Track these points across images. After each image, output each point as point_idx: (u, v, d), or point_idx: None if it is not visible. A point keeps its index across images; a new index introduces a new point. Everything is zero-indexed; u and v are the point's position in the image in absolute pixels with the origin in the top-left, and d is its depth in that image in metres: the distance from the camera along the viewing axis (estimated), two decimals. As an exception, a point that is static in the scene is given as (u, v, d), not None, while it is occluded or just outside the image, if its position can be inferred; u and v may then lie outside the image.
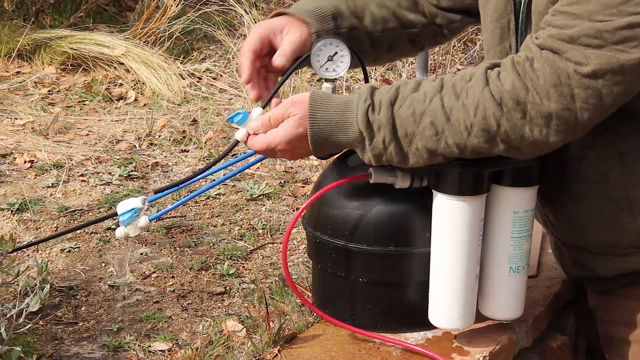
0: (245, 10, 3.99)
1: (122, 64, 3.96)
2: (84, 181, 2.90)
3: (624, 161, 1.67)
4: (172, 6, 4.21)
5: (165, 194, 1.90)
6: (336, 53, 1.83)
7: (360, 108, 1.62)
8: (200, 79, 3.98)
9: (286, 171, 3.04)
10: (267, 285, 2.21)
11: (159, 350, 1.96)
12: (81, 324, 2.09)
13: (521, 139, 1.56)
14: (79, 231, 2.51)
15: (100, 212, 2.67)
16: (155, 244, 2.48)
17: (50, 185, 2.85)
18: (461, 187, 1.69)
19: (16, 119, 3.44)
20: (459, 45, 4.70)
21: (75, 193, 2.81)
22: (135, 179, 2.94)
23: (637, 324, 1.78)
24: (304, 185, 2.93)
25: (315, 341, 1.85)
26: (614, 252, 1.76)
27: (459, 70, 4.34)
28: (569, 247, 1.85)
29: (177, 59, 4.07)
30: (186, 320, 2.10)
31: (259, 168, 3.00)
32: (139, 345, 1.97)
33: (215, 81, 3.96)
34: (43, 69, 3.95)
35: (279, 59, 1.81)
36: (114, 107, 3.66)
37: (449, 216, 1.71)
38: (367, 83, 1.74)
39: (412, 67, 4.16)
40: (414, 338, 1.83)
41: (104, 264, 2.36)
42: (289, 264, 2.33)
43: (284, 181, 2.95)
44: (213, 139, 3.31)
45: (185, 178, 1.91)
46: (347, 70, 1.85)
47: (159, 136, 3.33)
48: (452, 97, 1.58)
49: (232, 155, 3.15)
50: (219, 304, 2.18)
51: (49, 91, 3.79)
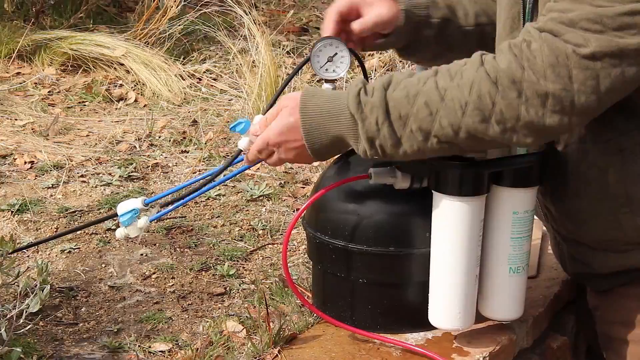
0: (245, 11, 3.98)
1: (122, 64, 3.96)
2: (84, 182, 2.90)
3: (624, 158, 1.67)
4: (172, 7, 4.21)
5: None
6: (336, 54, 1.84)
7: (351, 92, 1.61)
8: (200, 79, 3.98)
9: (286, 172, 3.04)
10: (267, 286, 2.22)
11: (159, 351, 1.96)
12: (81, 324, 2.09)
13: (516, 119, 1.53)
14: (79, 232, 2.51)
15: (101, 213, 2.67)
16: (155, 244, 2.48)
17: (51, 186, 2.85)
18: (461, 188, 1.69)
19: (16, 119, 3.44)
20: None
21: (75, 194, 2.81)
22: (135, 180, 2.94)
23: (636, 324, 1.78)
24: (304, 186, 2.93)
25: (315, 342, 1.85)
26: (612, 248, 1.76)
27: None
28: (568, 241, 1.85)
29: (177, 59, 4.07)
30: (186, 321, 2.10)
31: (259, 169, 3.00)
32: (139, 346, 1.97)
33: (215, 82, 3.96)
34: (43, 69, 3.95)
35: (357, 24, 1.84)
36: (114, 108, 3.66)
37: (449, 217, 1.71)
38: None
39: (412, 68, 4.16)
40: (414, 338, 1.84)
41: (104, 265, 2.37)
42: (289, 264, 2.33)
43: (284, 182, 2.95)
44: (213, 139, 3.31)
45: (190, 190, 1.89)
46: (347, 71, 1.85)
47: (159, 137, 3.33)
48: (446, 78, 1.56)
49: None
50: (219, 305, 2.18)
51: (49, 92, 3.79)
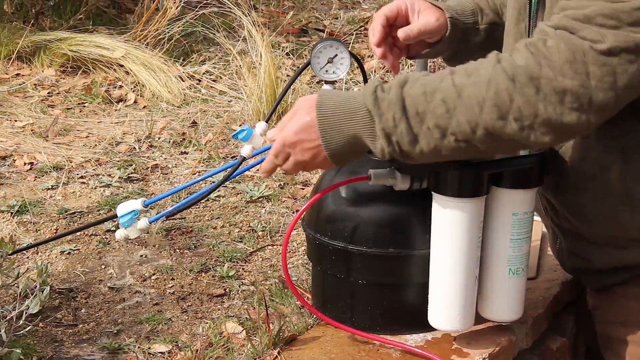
0: (244, 13, 3.98)
1: (121, 66, 3.96)
2: (83, 183, 2.90)
3: (625, 156, 1.67)
4: (171, 8, 4.21)
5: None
6: (336, 55, 1.84)
7: (368, 90, 1.59)
8: (199, 81, 3.98)
9: (286, 173, 3.04)
10: (266, 287, 2.22)
11: (159, 352, 1.96)
12: (81, 326, 2.09)
13: (534, 115, 1.51)
14: (78, 233, 2.51)
15: (100, 214, 2.67)
16: (155, 246, 2.48)
17: (50, 187, 2.85)
18: (461, 189, 1.69)
19: (16, 121, 3.44)
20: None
21: (75, 195, 2.81)
22: (135, 181, 2.94)
23: (636, 324, 1.78)
24: (303, 188, 2.93)
25: (314, 343, 1.85)
26: (612, 243, 1.76)
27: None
28: (567, 235, 1.85)
29: (176, 61, 4.07)
30: (186, 322, 2.10)
31: (258, 170, 2.99)
32: (138, 347, 1.97)
33: (215, 83, 3.95)
34: (43, 71, 3.95)
35: (402, 32, 1.85)
36: (113, 109, 3.66)
37: (449, 218, 1.71)
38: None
39: (412, 69, 4.16)
40: (413, 340, 1.84)
41: (103, 266, 2.37)
42: (288, 265, 2.33)
43: (284, 183, 2.95)
44: (213, 141, 3.31)
45: (194, 197, 1.89)
46: (347, 72, 1.85)
47: (159, 138, 3.33)
48: (463, 76, 1.55)
49: (232, 158, 3.15)
50: (219, 306, 2.18)
51: (48, 93, 3.78)
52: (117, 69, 3.95)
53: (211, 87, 3.92)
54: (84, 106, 3.68)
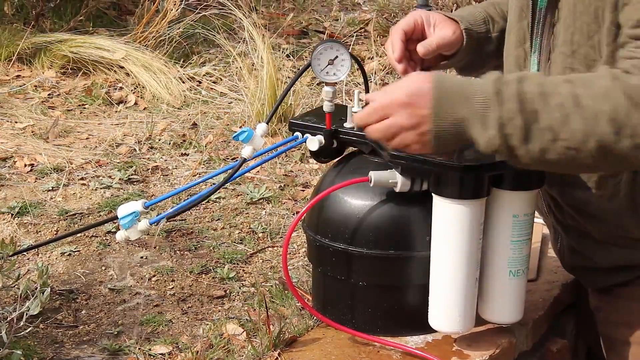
0: (244, 14, 3.99)
1: (122, 67, 3.96)
2: (84, 185, 2.90)
3: None
4: (171, 10, 4.21)
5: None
6: (337, 57, 1.84)
7: (489, 78, 1.58)
8: (200, 82, 3.98)
9: (286, 175, 3.04)
10: (267, 289, 2.22)
11: (159, 354, 1.96)
12: (81, 327, 2.09)
13: None
14: (79, 235, 2.51)
15: (101, 215, 2.67)
16: (155, 247, 2.48)
17: (51, 188, 2.85)
18: (461, 191, 1.69)
19: (16, 122, 3.44)
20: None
21: (75, 196, 2.81)
22: (135, 183, 2.94)
23: (639, 326, 1.78)
24: (303, 189, 2.94)
25: (315, 345, 1.85)
26: (616, 242, 1.77)
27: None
28: (570, 233, 1.85)
29: (177, 62, 4.07)
30: (186, 324, 2.10)
31: (258, 172, 3.00)
32: (139, 349, 1.97)
33: (215, 85, 3.96)
34: (43, 72, 3.95)
35: (421, 47, 1.84)
36: (114, 111, 3.66)
37: (449, 220, 1.71)
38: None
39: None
40: (413, 341, 1.84)
41: (104, 268, 2.37)
42: (289, 267, 2.33)
43: (284, 185, 2.95)
44: (213, 142, 3.31)
45: (194, 198, 1.89)
46: (347, 74, 1.86)
47: (159, 140, 3.33)
48: (581, 86, 1.54)
49: (233, 159, 3.15)
50: (219, 308, 2.18)
51: (49, 95, 3.79)
52: (118, 70, 3.96)
53: (211, 88, 3.92)
54: (85, 108, 3.69)
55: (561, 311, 2.12)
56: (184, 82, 3.92)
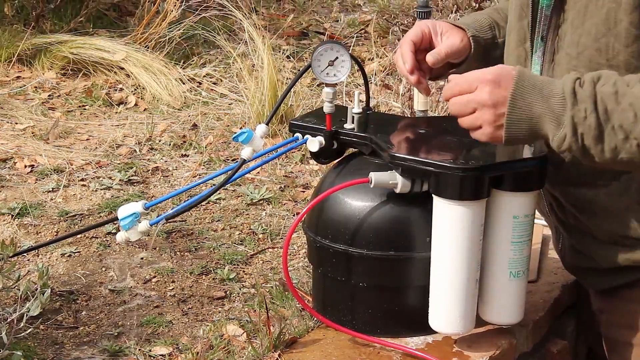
0: (244, 16, 3.99)
1: (122, 68, 3.96)
2: (84, 186, 2.90)
3: None
4: (172, 11, 4.21)
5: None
6: (337, 58, 1.84)
7: (568, 79, 1.60)
8: (200, 83, 3.98)
9: (286, 176, 3.04)
10: (267, 290, 2.22)
11: (160, 355, 1.96)
12: (82, 328, 2.09)
13: None
14: (79, 236, 2.51)
15: (101, 216, 2.67)
16: (155, 248, 2.48)
17: (51, 189, 2.85)
18: (462, 192, 1.69)
19: (16, 123, 3.44)
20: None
21: (75, 198, 2.81)
22: (135, 184, 2.94)
23: None
24: (304, 190, 2.94)
25: (315, 346, 1.85)
26: (619, 242, 1.76)
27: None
28: (572, 232, 1.85)
29: (177, 63, 4.07)
30: (186, 325, 2.10)
31: (259, 173, 3.00)
32: (139, 350, 1.97)
33: (215, 86, 3.96)
34: (43, 73, 3.96)
35: (431, 57, 1.86)
36: (114, 112, 3.66)
37: (450, 221, 1.71)
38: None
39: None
40: (414, 342, 1.84)
41: (104, 269, 2.37)
42: (289, 268, 2.32)
43: (284, 186, 2.95)
44: (213, 143, 3.31)
45: (195, 199, 1.89)
46: (347, 75, 1.86)
47: (159, 141, 3.33)
48: None
49: (233, 160, 3.15)
50: (220, 309, 2.18)
51: (49, 96, 3.79)
52: (118, 71, 3.96)
53: (212, 89, 3.92)
54: (85, 109, 3.69)
55: (561, 312, 2.12)
56: (184, 83, 3.92)
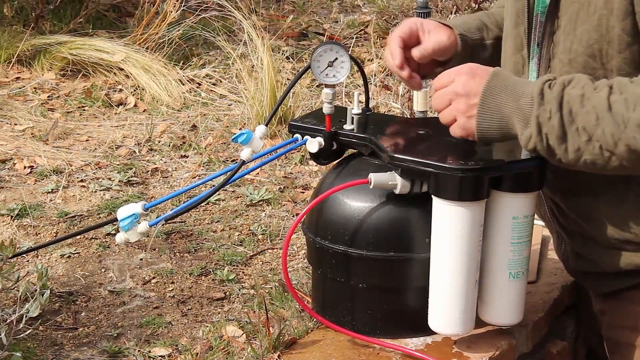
0: (244, 16, 3.99)
1: (121, 69, 3.96)
2: (83, 187, 2.90)
3: None
4: (171, 12, 4.21)
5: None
6: (336, 59, 1.84)
7: (539, 81, 1.64)
8: (199, 84, 3.98)
9: (286, 177, 3.04)
10: (266, 291, 2.22)
11: (159, 356, 1.96)
12: (81, 329, 2.09)
13: None
14: (78, 237, 2.51)
15: (100, 217, 2.67)
16: (155, 249, 2.48)
17: (50, 190, 2.85)
18: (461, 193, 1.69)
19: (16, 124, 3.44)
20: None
21: (75, 199, 2.81)
22: (135, 185, 2.94)
23: None
24: (303, 191, 2.94)
25: (315, 346, 1.85)
26: (622, 247, 1.76)
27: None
28: (574, 238, 1.85)
29: (176, 64, 4.07)
30: (186, 326, 2.10)
31: (258, 174, 3.00)
32: (138, 351, 1.97)
33: (214, 87, 3.96)
34: (43, 74, 3.96)
35: (417, 51, 1.88)
36: (113, 113, 3.66)
37: (449, 222, 1.71)
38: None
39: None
40: (413, 343, 1.83)
41: (103, 270, 2.37)
42: (288, 269, 2.33)
43: (284, 187, 2.95)
44: (213, 144, 3.31)
45: (194, 200, 1.89)
46: (347, 76, 1.86)
47: (159, 142, 3.33)
48: (617, 91, 1.58)
49: (232, 161, 3.15)
50: (219, 310, 2.18)
51: (48, 97, 3.79)
52: (117, 72, 3.96)
53: (211, 90, 3.92)
54: (84, 110, 3.69)
55: (561, 313, 2.12)
56: (183, 84, 3.92)
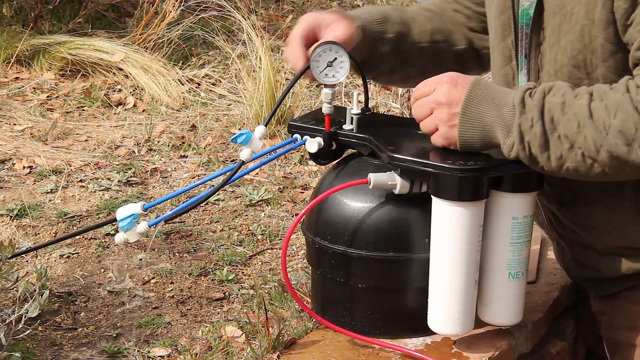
0: (243, 16, 3.99)
1: (121, 69, 3.96)
2: (83, 187, 2.90)
3: None
4: (170, 12, 4.21)
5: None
6: (335, 59, 1.84)
7: (520, 89, 1.64)
8: (199, 84, 3.98)
9: (285, 177, 3.04)
10: (266, 291, 2.22)
11: (158, 356, 1.96)
12: (80, 329, 2.09)
13: None
14: (78, 237, 2.50)
15: (99, 217, 2.67)
16: (154, 249, 2.48)
17: (49, 190, 2.85)
18: (461, 193, 1.69)
19: (15, 124, 3.44)
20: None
21: (74, 199, 2.81)
22: (134, 185, 2.94)
23: None
24: (303, 191, 2.93)
25: (314, 347, 1.85)
26: (621, 253, 1.77)
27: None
28: (574, 247, 1.85)
29: (176, 64, 4.07)
30: (185, 326, 2.10)
31: (258, 174, 3.00)
32: (138, 351, 1.97)
33: (214, 87, 3.96)
34: (42, 74, 3.95)
35: (312, 48, 1.85)
36: (112, 113, 3.66)
37: (449, 222, 1.71)
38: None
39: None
40: (413, 344, 1.84)
41: (103, 270, 2.36)
42: (288, 269, 2.33)
43: (283, 187, 2.95)
44: (212, 144, 3.31)
45: (193, 200, 1.89)
46: (346, 76, 1.85)
47: (158, 142, 3.33)
48: (597, 98, 1.59)
49: (232, 161, 3.15)
50: (218, 310, 2.18)
51: (47, 97, 3.79)
52: (117, 72, 3.96)
53: (210, 90, 3.92)
54: (83, 110, 3.68)
55: (560, 313, 2.12)
56: (182, 84, 3.92)
